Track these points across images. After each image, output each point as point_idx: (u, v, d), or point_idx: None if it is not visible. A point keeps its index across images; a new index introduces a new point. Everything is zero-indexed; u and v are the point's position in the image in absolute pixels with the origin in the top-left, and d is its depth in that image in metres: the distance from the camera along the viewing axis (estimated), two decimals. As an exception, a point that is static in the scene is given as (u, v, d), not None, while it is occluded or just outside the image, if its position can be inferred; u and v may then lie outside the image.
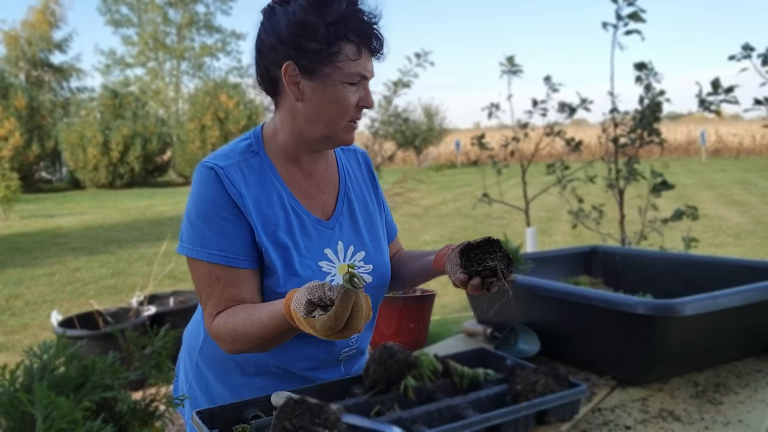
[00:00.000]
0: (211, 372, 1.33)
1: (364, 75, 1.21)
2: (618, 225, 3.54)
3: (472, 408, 1.10)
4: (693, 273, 1.81)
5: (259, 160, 1.26)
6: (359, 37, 1.17)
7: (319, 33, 1.15)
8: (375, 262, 1.34)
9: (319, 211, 1.31)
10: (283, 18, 1.18)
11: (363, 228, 1.36)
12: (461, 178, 18.73)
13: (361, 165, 1.45)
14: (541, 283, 1.56)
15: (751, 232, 8.09)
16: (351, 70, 1.18)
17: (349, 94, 1.20)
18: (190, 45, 36.80)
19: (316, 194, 1.32)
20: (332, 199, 1.34)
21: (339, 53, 1.17)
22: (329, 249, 1.29)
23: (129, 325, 3.75)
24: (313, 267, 1.25)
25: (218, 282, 1.19)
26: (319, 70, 1.18)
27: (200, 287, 1.21)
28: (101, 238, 9.77)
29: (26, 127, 20.79)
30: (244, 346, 1.16)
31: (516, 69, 3.89)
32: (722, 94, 2.91)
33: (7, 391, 0.61)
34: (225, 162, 1.22)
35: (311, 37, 1.16)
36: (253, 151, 1.27)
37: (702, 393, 1.34)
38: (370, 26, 1.19)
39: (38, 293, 6.19)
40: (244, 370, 1.30)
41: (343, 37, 1.16)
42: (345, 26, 1.16)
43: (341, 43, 1.17)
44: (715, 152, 26.97)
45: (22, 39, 29.59)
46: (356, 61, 1.18)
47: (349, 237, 1.33)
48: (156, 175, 23.55)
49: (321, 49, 1.16)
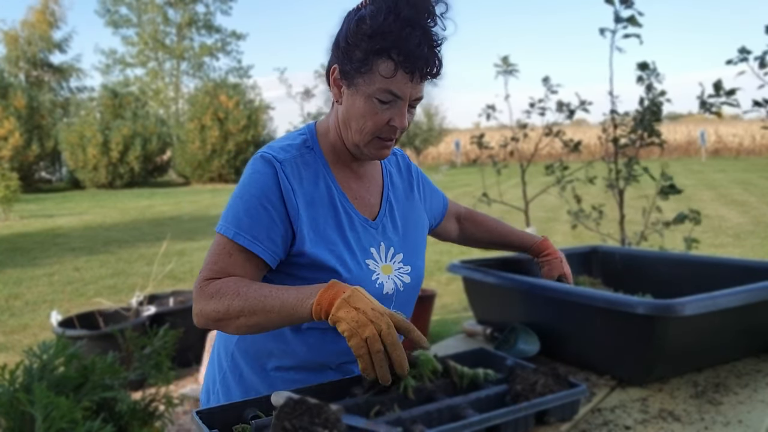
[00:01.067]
0: (247, 364, 1.34)
1: (397, 94, 1.19)
2: (618, 225, 3.54)
3: (471, 408, 1.10)
4: (693, 273, 1.81)
5: (314, 156, 1.29)
6: (400, 57, 1.15)
7: (362, 44, 1.16)
8: (412, 264, 1.37)
9: (366, 211, 1.34)
10: (347, 22, 1.21)
11: (402, 230, 1.39)
12: (461, 178, 18.74)
13: (400, 165, 1.48)
14: (541, 283, 1.56)
15: (751, 232, 8.09)
16: (382, 87, 1.17)
17: (378, 109, 1.20)
18: (190, 45, 36.80)
19: (364, 195, 1.35)
20: (377, 201, 1.38)
21: (373, 67, 1.17)
22: (374, 248, 1.32)
23: (128, 325, 3.75)
24: (362, 264, 1.27)
25: (229, 257, 1.19)
26: (355, 79, 1.20)
27: (210, 252, 1.21)
28: (101, 238, 9.77)
29: (26, 127, 20.80)
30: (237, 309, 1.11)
31: (512, 69, 3.89)
32: (723, 96, 2.90)
33: (6, 391, 0.61)
34: (284, 156, 1.24)
35: (356, 46, 1.17)
36: (308, 147, 1.30)
37: (702, 393, 1.34)
38: (419, 49, 1.15)
39: (38, 293, 6.19)
40: (281, 363, 1.31)
41: (381, 52, 1.15)
42: (383, 42, 1.15)
43: (378, 58, 1.16)
44: (714, 152, 26.99)
45: (22, 39, 29.60)
46: (390, 78, 1.17)
47: (390, 238, 1.35)
48: (156, 175, 23.56)
49: (360, 59, 1.17)
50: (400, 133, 1.27)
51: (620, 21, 3.11)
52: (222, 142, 21.46)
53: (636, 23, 3.05)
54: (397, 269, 1.34)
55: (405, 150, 25.82)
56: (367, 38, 1.15)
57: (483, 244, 1.74)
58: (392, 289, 1.31)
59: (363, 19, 1.17)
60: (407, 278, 1.35)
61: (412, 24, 1.15)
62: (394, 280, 1.32)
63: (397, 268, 1.34)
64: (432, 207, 1.55)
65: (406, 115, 1.22)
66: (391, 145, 1.27)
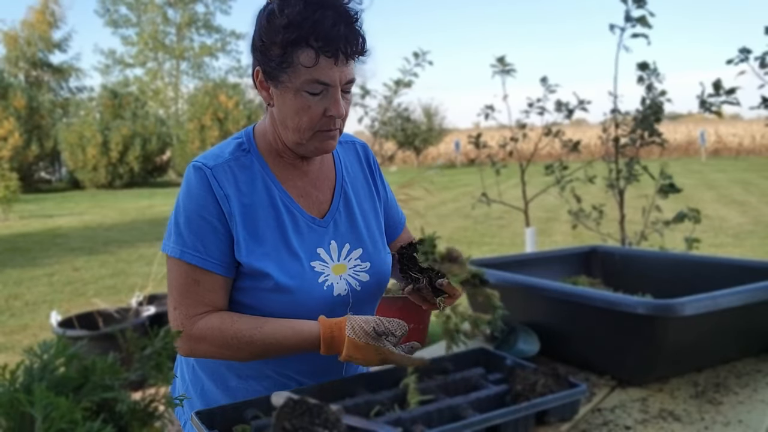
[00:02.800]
0: (207, 375, 1.32)
1: (325, 82, 1.12)
2: (618, 225, 3.54)
3: (472, 408, 1.10)
4: (693, 273, 1.81)
5: (251, 158, 1.24)
6: (318, 42, 1.08)
7: (277, 38, 1.10)
8: (372, 259, 1.31)
9: (314, 209, 1.28)
10: (258, 21, 1.16)
11: (361, 224, 1.32)
12: (460, 178, 18.74)
13: (360, 157, 1.41)
14: (540, 283, 1.56)
15: (751, 232, 8.09)
16: (308, 78, 1.11)
17: (310, 102, 1.14)
18: (190, 45, 36.78)
19: (311, 192, 1.29)
20: (328, 197, 1.31)
21: (293, 60, 1.11)
22: (322, 248, 1.26)
23: (128, 325, 3.75)
24: (305, 266, 1.22)
25: (197, 285, 1.18)
26: (280, 77, 1.14)
27: (175, 286, 1.19)
28: (101, 238, 9.77)
29: (25, 127, 20.79)
30: (230, 353, 1.18)
31: (508, 69, 3.88)
32: (723, 96, 2.90)
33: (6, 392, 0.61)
34: (214, 162, 1.20)
35: (272, 42, 1.12)
36: (244, 150, 1.25)
37: (702, 393, 1.34)
38: (335, 29, 1.09)
39: (38, 293, 6.18)
40: (240, 373, 1.29)
41: (298, 42, 1.09)
42: (299, 30, 1.08)
43: (297, 49, 1.10)
44: (714, 152, 26.98)
45: (22, 39, 29.57)
46: (313, 67, 1.10)
47: (345, 235, 1.29)
48: (155, 175, 23.54)
49: (279, 55, 1.12)
50: (342, 122, 1.20)
51: (630, 20, 3.09)
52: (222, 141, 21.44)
53: (646, 24, 3.04)
54: (353, 267, 1.28)
55: (404, 150, 25.87)
56: (282, 30, 1.09)
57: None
58: (345, 289, 1.25)
59: (273, 13, 1.12)
60: (365, 276, 1.29)
61: (322, 5, 1.09)
62: (347, 280, 1.26)
63: (353, 266, 1.28)
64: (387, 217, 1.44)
65: (341, 101, 1.15)
66: (335, 135, 1.20)
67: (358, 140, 1.44)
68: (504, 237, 8.45)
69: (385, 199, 1.43)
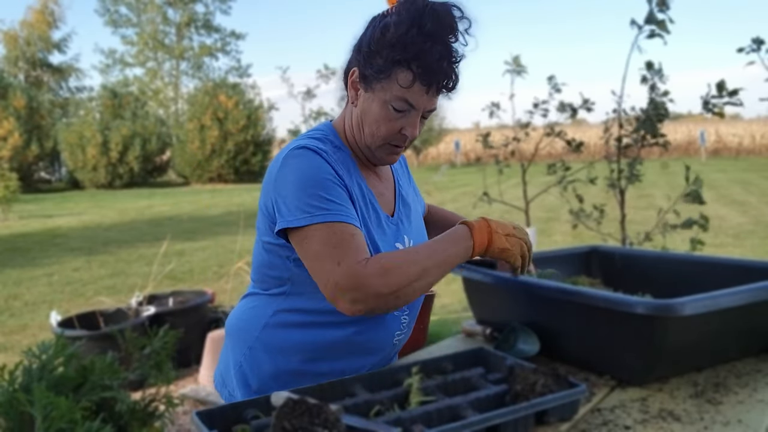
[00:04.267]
0: (270, 357, 1.33)
1: (412, 105, 1.22)
2: (618, 225, 3.54)
3: (471, 408, 1.10)
4: (693, 273, 1.81)
5: (344, 154, 1.31)
6: (419, 69, 1.18)
7: (384, 52, 1.19)
8: None
9: (387, 208, 1.38)
10: (371, 28, 1.24)
11: (415, 221, 1.45)
12: (461, 178, 18.74)
13: (401, 161, 1.53)
14: (540, 283, 1.56)
15: (751, 232, 8.10)
16: (399, 95, 1.21)
17: (392, 117, 1.23)
18: (189, 45, 36.81)
19: (384, 192, 1.39)
20: (392, 196, 1.41)
21: (391, 75, 1.20)
22: (399, 243, 1.35)
23: (128, 325, 3.75)
24: None
25: (353, 238, 1.14)
26: (373, 84, 1.23)
27: (332, 244, 1.13)
28: (100, 238, 9.77)
29: (25, 127, 20.81)
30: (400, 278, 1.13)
31: (520, 69, 3.90)
32: (726, 97, 2.89)
33: (6, 392, 0.61)
34: (324, 147, 1.26)
35: (378, 53, 1.20)
36: (336, 146, 1.31)
37: (701, 393, 1.34)
38: (438, 63, 1.18)
39: (37, 293, 6.18)
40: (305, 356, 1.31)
41: (402, 62, 1.18)
42: (406, 54, 1.17)
43: (398, 67, 1.19)
44: (714, 152, 27.01)
45: (21, 39, 29.60)
46: (407, 88, 1.20)
47: (409, 232, 1.40)
48: (155, 175, 23.56)
49: (380, 66, 1.20)
50: (409, 142, 1.30)
51: (651, 22, 3.05)
52: (221, 142, 21.46)
53: (665, 29, 3.02)
54: None
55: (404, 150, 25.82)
56: (390, 47, 1.19)
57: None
58: None
59: (387, 27, 1.19)
60: None
61: (434, 38, 1.17)
62: None
63: None
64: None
65: (418, 125, 1.26)
66: (400, 152, 1.31)
67: None
68: (504, 237, 8.43)
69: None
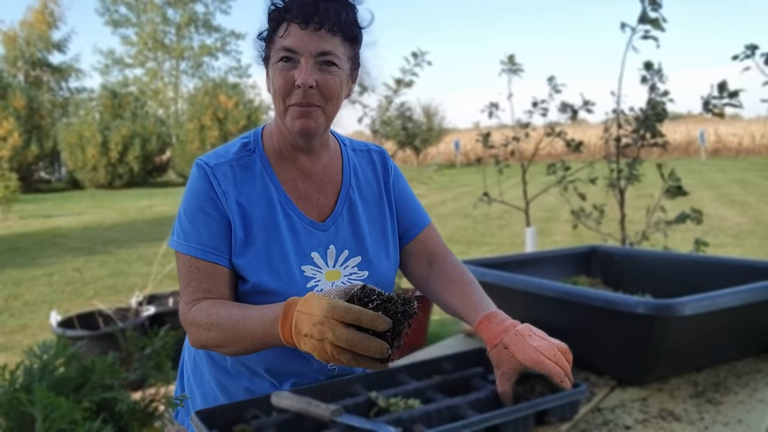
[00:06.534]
0: (206, 367, 1.33)
1: (292, 49, 1.13)
2: (618, 225, 3.54)
3: (471, 408, 1.10)
4: (693, 273, 1.81)
5: (255, 157, 1.26)
6: (287, 12, 1.15)
7: (267, 23, 1.20)
8: (372, 268, 1.28)
9: (313, 212, 1.26)
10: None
11: (365, 232, 1.29)
12: (460, 178, 18.74)
13: (375, 164, 1.38)
14: (540, 283, 1.56)
15: (751, 232, 8.09)
16: (280, 46, 1.16)
17: (282, 71, 1.15)
18: (189, 45, 36.79)
19: (312, 195, 1.27)
20: (331, 201, 1.29)
21: (274, 38, 1.18)
22: (317, 253, 1.24)
23: (128, 325, 3.75)
24: (294, 269, 1.21)
25: (197, 272, 1.19)
26: (269, 58, 1.21)
27: (180, 276, 1.22)
28: (100, 238, 9.76)
29: (25, 127, 20.79)
30: (215, 336, 1.11)
31: (516, 68, 3.89)
32: (727, 98, 2.89)
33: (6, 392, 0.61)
34: (216, 160, 1.24)
35: (261, 33, 1.22)
36: (249, 150, 1.27)
37: (701, 393, 1.34)
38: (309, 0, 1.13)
39: (37, 293, 6.18)
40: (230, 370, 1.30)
41: (277, 19, 1.17)
42: (276, 10, 1.17)
43: (277, 26, 1.18)
44: (714, 152, 27.00)
45: (21, 39, 29.57)
46: (284, 36, 1.16)
47: (345, 241, 1.27)
48: (155, 175, 23.54)
49: (264, 36, 1.21)
50: (323, 100, 1.16)
51: (645, 21, 3.05)
52: (221, 142, 21.44)
53: (659, 27, 3.02)
54: (348, 275, 1.26)
55: (403, 150, 25.87)
56: (269, 14, 1.18)
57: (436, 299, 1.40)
58: None
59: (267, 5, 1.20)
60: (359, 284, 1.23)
61: None
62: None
63: (349, 273, 1.26)
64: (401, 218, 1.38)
65: (307, 70, 1.13)
66: (309, 112, 1.16)
67: (376, 147, 1.43)
68: (504, 237, 8.45)
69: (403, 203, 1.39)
